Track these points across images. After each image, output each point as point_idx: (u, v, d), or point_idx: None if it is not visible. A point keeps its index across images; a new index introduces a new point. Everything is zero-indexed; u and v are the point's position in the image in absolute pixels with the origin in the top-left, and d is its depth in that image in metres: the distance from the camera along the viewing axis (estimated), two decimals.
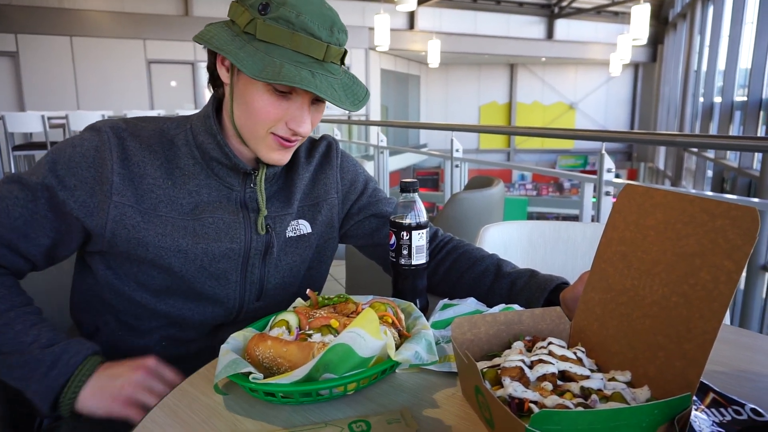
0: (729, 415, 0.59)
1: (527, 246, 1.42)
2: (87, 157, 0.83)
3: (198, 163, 0.89)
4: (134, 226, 0.84)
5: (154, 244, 0.85)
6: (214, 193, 0.90)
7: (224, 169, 0.89)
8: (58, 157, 0.83)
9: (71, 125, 5.89)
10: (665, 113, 14.16)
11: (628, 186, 0.71)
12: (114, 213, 0.83)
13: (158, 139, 0.89)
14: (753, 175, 6.65)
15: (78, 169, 0.83)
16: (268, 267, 0.95)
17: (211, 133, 0.87)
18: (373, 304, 0.79)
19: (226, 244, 0.89)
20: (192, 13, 10.63)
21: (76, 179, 0.83)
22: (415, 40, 13.55)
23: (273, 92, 0.81)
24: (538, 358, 0.64)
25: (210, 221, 0.88)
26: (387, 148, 5.22)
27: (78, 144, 0.84)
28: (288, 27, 0.78)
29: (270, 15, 0.78)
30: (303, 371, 0.63)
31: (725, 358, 0.79)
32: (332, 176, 1.02)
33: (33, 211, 0.82)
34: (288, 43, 0.78)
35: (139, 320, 0.93)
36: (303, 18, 0.77)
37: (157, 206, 0.86)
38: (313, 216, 1.00)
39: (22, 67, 9.23)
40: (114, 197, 0.83)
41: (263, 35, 0.78)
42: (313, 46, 0.78)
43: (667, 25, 14.74)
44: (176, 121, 0.92)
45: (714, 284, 0.55)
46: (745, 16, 8.02)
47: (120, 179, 0.84)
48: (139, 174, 0.86)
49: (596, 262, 0.73)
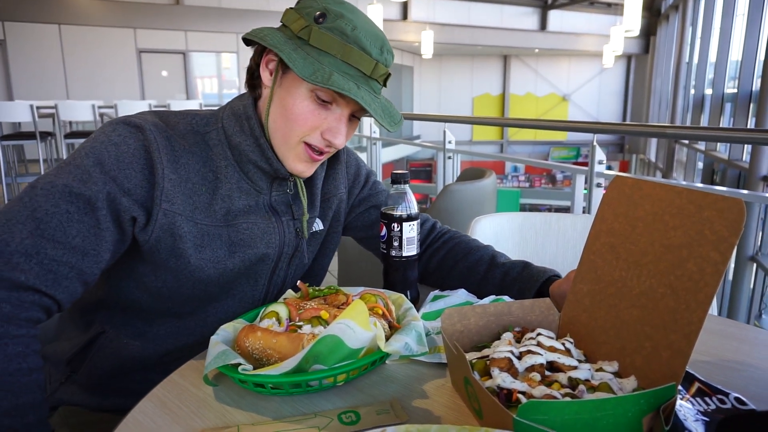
0: (713, 404, 0.60)
1: (518, 237, 1.43)
2: (137, 157, 0.76)
3: (231, 165, 0.84)
4: (181, 237, 0.79)
5: (196, 256, 0.81)
6: (245, 197, 0.86)
7: (258, 173, 0.86)
8: (102, 158, 0.74)
9: (60, 115, 5.80)
10: (657, 105, 14.22)
11: (618, 178, 0.71)
12: (163, 221, 0.78)
13: (194, 139, 0.83)
14: (742, 166, 6.71)
15: (130, 170, 0.75)
16: (291, 268, 0.95)
17: (252, 135, 0.84)
18: (363, 296, 0.79)
19: (262, 250, 0.87)
20: (183, 2, 10.49)
21: (130, 182, 0.75)
22: (408, 31, 13.47)
23: (315, 100, 0.81)
24: (526, 349, 0.64)
25: (245, 227, 0.85)
26: (380, 139, 5.21)
27: (121, 142, 0.76)
28: (342, 38, 0.78)
29: (326, 24, 0.78)
30: (293, 362, 0.64)
31: (712, 348, 0.80)
32: (340, 171, 1.02)
33: (93, 225, 0.73)
34: (339, 53, 0.78)
35: (152, 325, 0.88)
36: (357, 32, 0.79)
37: (194, 214, 0.81)
38: (325, 212, 1.00)
39: (9, 55, 9.09)
40: (164, 204, 0.77)
41: (317, 42, 0.78)
42: (363, 60, 0.79)
43: (660, 17, 14.77)
44: (204, 118, 0.86)
45: (700, 275, 0.56)
46: (736, 8, 8.05)
47: (171, 185, 0.78)
48: (185, 178, 0.80)
49: (585, 254, 0.74)
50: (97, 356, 0.87)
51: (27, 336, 0.69)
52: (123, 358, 0.87)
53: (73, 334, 0.92)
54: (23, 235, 0.69)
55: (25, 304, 0.69)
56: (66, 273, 0.71)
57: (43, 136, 5.65)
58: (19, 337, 0.68)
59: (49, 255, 0.70)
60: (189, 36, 10.64)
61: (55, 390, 0.90)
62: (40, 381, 0.70)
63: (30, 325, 0.70)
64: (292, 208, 0.91)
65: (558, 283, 0.86)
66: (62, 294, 0.72)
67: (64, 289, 0.72)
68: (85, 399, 0.90)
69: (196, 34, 10.66)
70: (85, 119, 6.21)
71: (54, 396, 0.90)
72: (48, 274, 0.70)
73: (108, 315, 0.89)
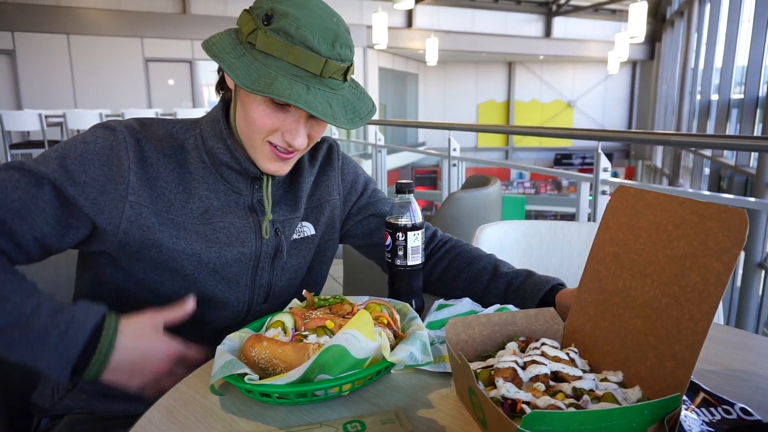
0: (719, 414, 0.60)
1: (523, 245, 1.43)
2: (100, 154, 0.82)
3: (207, 168, 0.89)
4: (149, 227, 0.83)
5: (168, 246, 0.84)
6: (223, 198, 0.89)
7: (233, 174, 0.89)
8: (68, 152, 0.81)
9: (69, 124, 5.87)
10: (663, 111, 14.18)
11: (621, 187, 0.72)
12: (129, 212, 0.82)
13: (169, 143, 0.88)
14: (749, 173, 6.67)
15: (90, 165, 0.81)
16: (276, 270, 0.95)
17: (221, 138, 0.87)
18: (368, 305, 0.80)
19: (238, 249, 0.89)
20: (189, 11, 10.60)
21: (87, 176, 0.80)
22: (413, 38, 13.53)
23: (270, 103, 0.81)
24: (531, 358, 0.64)
25: (221, 226, 0.88)
26: (385, 146, 5.22)
27: (90, 141, 0.82)
28: (287, 39, 0.77)
29: (271, 26, 0.77)
30: (298, 372, 0.64)
31: (717, 357, 0.80)
32: (334, 178, 1.03)
33: (34, 195, 0.78)
34: (286, 56, 0.77)
35: None
36: (302, 31, 0.77)
37: (170, 209, 0.85)
38: (317, 218, 1.00)
39: (19, 65, 9.20)
40: (130, 197, 0.82)
41: (262, 46, 0.78)
42: (310, 60, 0.78)
43: (665, 23, 14.75)
44: (185, 125, 0.91)
45: (704, 286, 0.56)
46: (741, 14, 8.04)
47: (137, 179, 0.82)
48: (154, 176, 0.85)
49: (589, 263, 0.74)
50: None
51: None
52: None
53: None
54: None
55: None
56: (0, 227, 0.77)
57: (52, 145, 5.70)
58: None
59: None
60: (195, 45, 10.72)
61: (62, 398, 0.91)
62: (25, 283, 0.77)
63: None
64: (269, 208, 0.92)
65: (568, 293, 0.86)
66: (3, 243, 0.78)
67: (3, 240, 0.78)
68: (92, 406, 0.90)
69: None
70: None
71: (61, 403, 0.91)
72: None
73: None
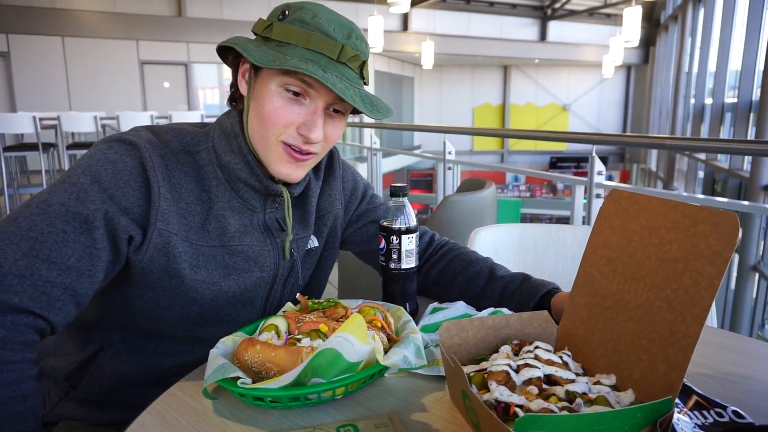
0: (711, 417, 0.60)
1: (518, 248, 1.43)
2: (135, 174, 0.75)
3: (221, 184, 0.83)
4: (175, 257, 0.77)
5: (190, 276, 0.79)
6: (238, 216, 0.84)
7: (249, 191, 0.84)
8: (99, 175, 0.73)
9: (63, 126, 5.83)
10: (657, 114, 14.26)
11: (614, 191, 0.72)
12: (157, 240, 0.76)
13: (186, 159, 0.82)
14: (743, 176, 6.71)
15: (127, 188, 0.74)
16: (287, 288, 0.94)
17: (240, 153, 0.82)
18: (362, 309, 0.80)
19: (257, 274, 0.86)
20: (185, 14, 10.59)
21: (128, 201, 0.74)
22: (408, 42, 13.57)
23: (286, 95, 0.78)
24: (524, 362, 0.64)
25: (239, 249, 0.84)
26: (380, 150, 5.23)
27: (118, 160, 0.75)
28: (302, 26, 0.77)
29: (287, 19, 0.79)
30: (291, 376, 0.64)
31: (710, 360, 0.80)
32: (336, 187, 1.01)
33: (88, 244, 0.71)
34: (301, 41, 0.77)
35: (150, 343, 0.88)
36: (318, 19, 0.78)
37: (189, 232, 0.79)
38: (320, 229, 0.99)
39: (13, 67, 9.17)
40: (159, 224, 0.76)
41: (278, 35, 0.78)
42: (327, 44, 0.77)
43: (659, 27, 14.86)
44: (194, 137, 0.85)
45: (696, 289, 0.56)
46: (735, 18, 8.10)
47: (166, 204, 0.76)
48: (178, 198, 0.79)
49: (582, 267, 0.74)
50: (96, 373, 0.87)
51: (22, 362, 0.68)
52: (122, 374, 0.87)
53: (72, 350, 0.91)
54: (17, 255, 0.67)
55: (20, 327, 0.67)
56: (59, 294, 0.69)
57: (46, 148, 5.67)
58: (14, 363, 0.67)
59: (43, 276, 0.68)
60: (191, 47, 10.73)
61: (55, 405, 0.90)
62: (34, 408, 0.69)
63: (25, 349, 0.69)
64: (285, 227, 0.90)
65: (563, 297, 0.86)
66: (56, 316, 0.70)
67: (58, 311, 0.70)
68: (85, 414, 0.89)
69: (198, 46, 10.75)
70: (88, 130, 6.25)
71: (53, 411, 0.90)
72: (42, 295, 0.68)
73: (105, 333, 0.88)
